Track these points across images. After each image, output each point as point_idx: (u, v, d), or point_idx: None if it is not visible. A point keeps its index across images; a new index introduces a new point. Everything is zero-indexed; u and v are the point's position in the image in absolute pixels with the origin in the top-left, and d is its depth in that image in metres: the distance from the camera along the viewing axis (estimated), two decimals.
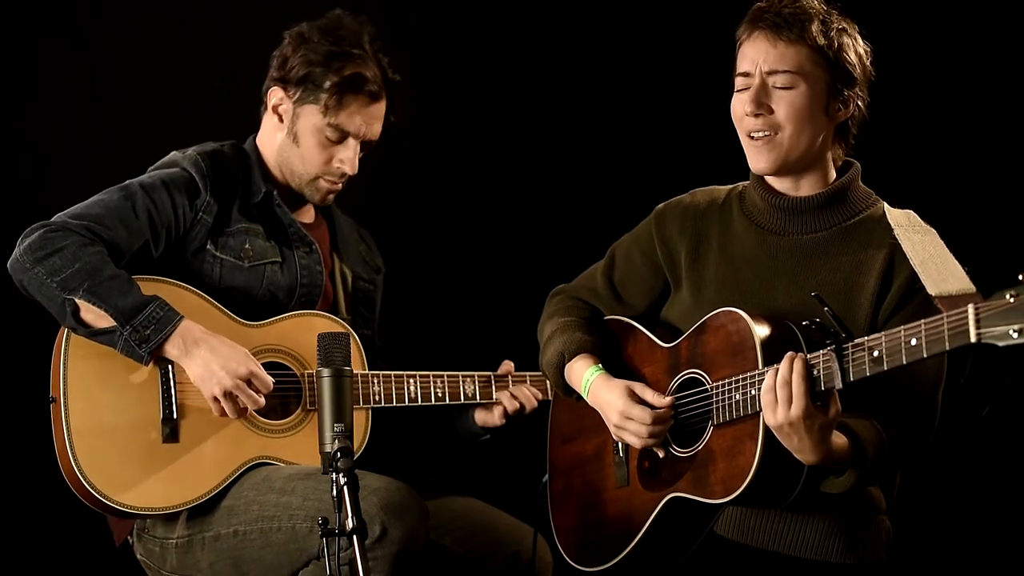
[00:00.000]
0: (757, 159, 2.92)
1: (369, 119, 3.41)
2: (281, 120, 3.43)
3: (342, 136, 3.40)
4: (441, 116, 4.19)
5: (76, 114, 4.02)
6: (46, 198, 3.44)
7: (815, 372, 2.63)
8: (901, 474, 3.00)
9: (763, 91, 2.88)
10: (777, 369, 2.65)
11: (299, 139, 3.41)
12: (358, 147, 3.43)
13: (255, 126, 3.49)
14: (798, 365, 2.63)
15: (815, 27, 2.85)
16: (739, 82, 2.93)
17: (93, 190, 3.31)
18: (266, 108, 3.46)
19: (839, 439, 2.71)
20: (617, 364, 3.11)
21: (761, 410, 2.70)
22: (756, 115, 2.88)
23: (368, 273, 3.65)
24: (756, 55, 2.89)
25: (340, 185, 3.47)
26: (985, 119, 4.07)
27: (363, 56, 3.38)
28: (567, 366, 3.14)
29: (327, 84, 3.35)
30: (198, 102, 4.11)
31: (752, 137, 2.91)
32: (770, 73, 2.87)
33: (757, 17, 2.90)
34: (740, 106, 2.92)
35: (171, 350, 3.15)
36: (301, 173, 3.44)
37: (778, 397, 2.63)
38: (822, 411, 2.63)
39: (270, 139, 3.46)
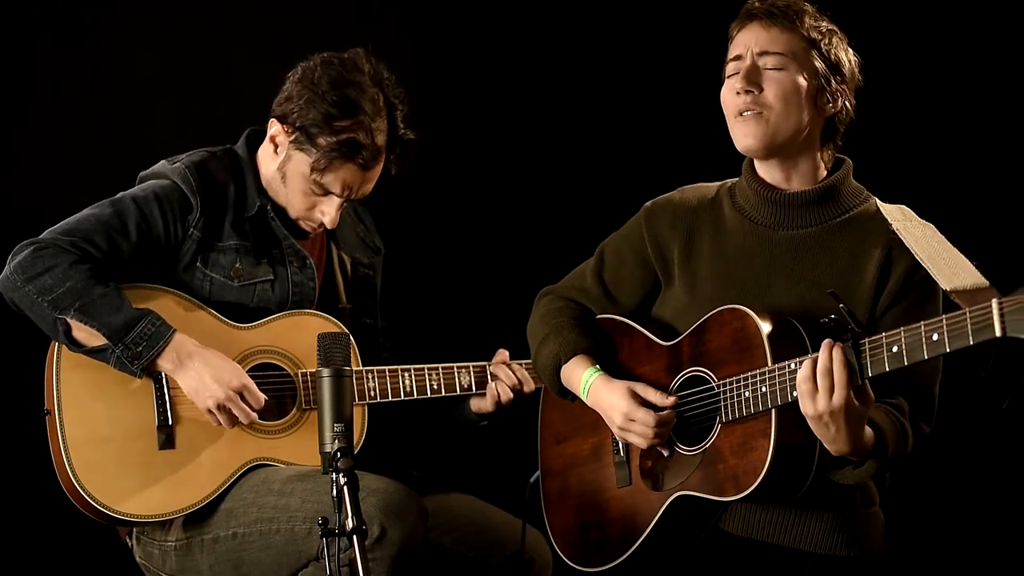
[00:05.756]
0: (744, 135, 2.85)
1: (357, 183, 3.27)
2: (276, 151, 3.30)
3: (327, 192, 3.27)
4: (435, 114, 4.11)
5: (76, 115, 3.96)
6: (45, 198, 3.43)
7: None
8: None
9: (754, 70, 2.84)
10: (814, 359, 2.58)
11: (287, 179, 3.28)
12: (342, 203, 3.30)
13: (256, 126, 3.37)
14: (838, 353, 2.55)
15: (808, 20, 2.86)
16: (730, 67, 2.89)
17: (93, 191, 3.24)
18: (268, 129, 3.32)
19: (866, 429, 2.65)
20: (614, 364, 3.03)
21: (773, 406, 2.66)
22: (746, 92, 2.83)
23: (368, 256, 3.54)
24: (749, 39, 2.86)
25: (320, 229, 3.36)
26: (975, 116, 4.05)
27: (364, 120, 3.22)
28: (563, 368, 3.06)
29: (320, 142, 3.21)
30: (198, 102, 4.03)
31: (740, 117, 2.85)
32: (762, 54, 2.84)
33: (751, 10, 2.89)
34: (730, 89, 2.87)
35: (164, 364, 3.10)
36: (285, 208, 3.32)
37: (819, 386, 2.57)
38: (859, 401, 2.57)
39: (266, 159, 3.33)
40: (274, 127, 3.28)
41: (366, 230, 3.57)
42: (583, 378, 2.99)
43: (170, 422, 3.11)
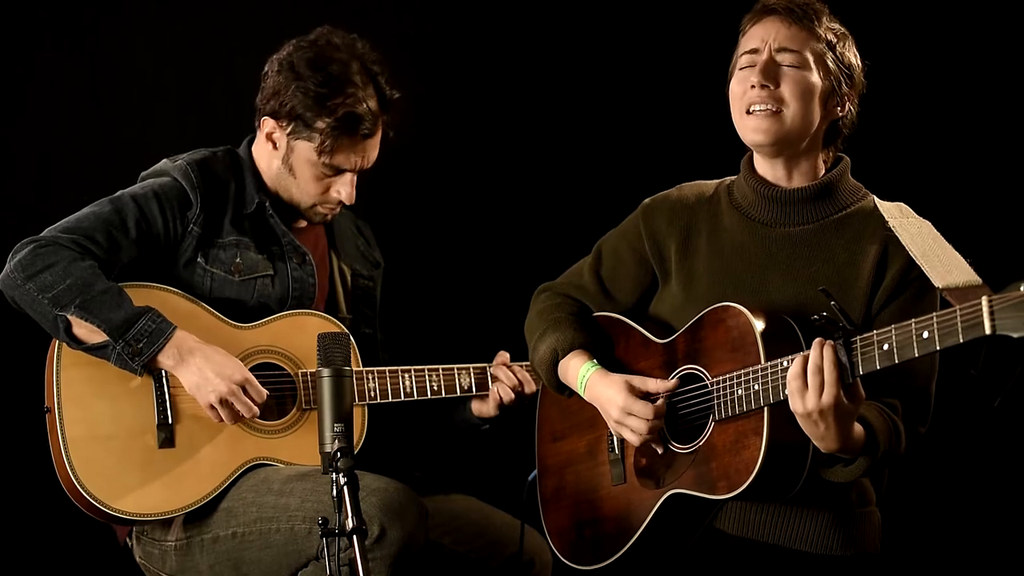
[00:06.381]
0: (755, 130, 2.82)
1: (365, 153, 3.29)
2: (275, 147, 3.30)
3: (338, 171, 3.28)
4: (434, 114, 4.11)
5: (76, 115, 3.95)
6: (46, 198, 3.38)
7: None
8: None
9: (772, 65, 2.81)
10: (805, 356, 2.56)
11: (295, 171, 3.29)
12: (355, 178, 3.31)
13: (254, 127, 3.36)
14: (829, 352, 2.53)
15: (825, 21, 2.84)
16: (744, 60, 2.85)
17: (93, 190, 3.23)
18: (259, 129, 3.32)
19: (856, 427, 2.62)
20: (610, 360, 3.01)
21: (766, 404, 2.64)
22: (763, 86, 2.79)
23: (367, 269, 3.54)
24: (767, 34, 2.83)
25: (338, 209, 3.36)
26: (973, 114, 4.04)
27: (355, 92, 3.22)
28: (561, 363, 3.04)
29: (320, 126, 3.21)
30: (198, 102, 4.03)
31: (753, 111, 2.82)
32: (780, 50, 2.81)
33: (769, 5, 2.86)
34: (743, 82, 2.83)
35: (165, 361, 3.08)
36: (298, 200, 3.32)
37: (809, 384, 2.54)
38: (848, 399, 2.54)
39: (265, 158, 3.33)
40: (267, 125, 3.27)
41: (366, 244, 3.58)
42: (580, 372, 2.97)
43: (170, 421, 3.10)
